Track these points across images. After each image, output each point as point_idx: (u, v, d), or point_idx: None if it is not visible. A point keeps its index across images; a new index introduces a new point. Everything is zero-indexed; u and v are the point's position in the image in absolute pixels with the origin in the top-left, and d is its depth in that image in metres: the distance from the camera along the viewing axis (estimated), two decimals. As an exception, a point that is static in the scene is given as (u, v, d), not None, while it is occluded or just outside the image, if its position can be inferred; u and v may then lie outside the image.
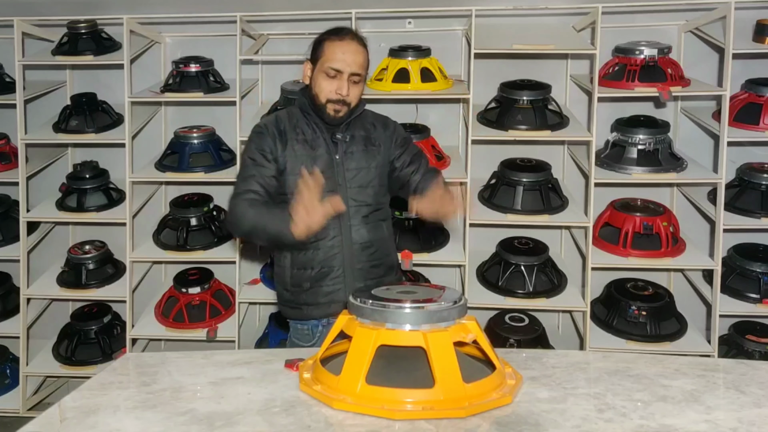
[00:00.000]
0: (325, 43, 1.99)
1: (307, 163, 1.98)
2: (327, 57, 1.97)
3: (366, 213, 2.05)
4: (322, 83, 1.97)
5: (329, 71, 1.96)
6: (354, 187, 2.03)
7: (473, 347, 1.60)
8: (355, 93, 2.00)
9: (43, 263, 3.40)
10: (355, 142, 2.06)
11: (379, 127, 2.12)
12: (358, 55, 1.98)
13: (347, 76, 1.96)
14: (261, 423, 1.37)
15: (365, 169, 2.05)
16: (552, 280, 3.01)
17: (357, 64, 1.97)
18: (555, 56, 3.21)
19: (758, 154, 3.18)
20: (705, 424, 1.36)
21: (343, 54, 1.95)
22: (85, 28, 3.14)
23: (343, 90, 1.96)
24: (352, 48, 1.97)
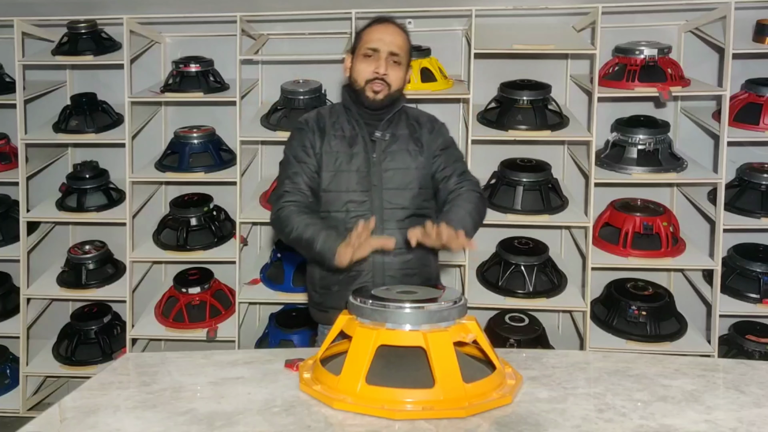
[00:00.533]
0: (364, 31, 1.95)
1: (344, 160, 1.93)
2: (364, 40, 1.92)
3: (402, 217, 1.93)
4: (360, 66, 1.92)
5: (366, 52, 1.91)
6: (390, 189, 1.93)
7: (473, 347, 1.60)
8: (395, 74, 1.92)
9: (43, 263, 3.40)
10: (397, 141, 1.96)
11: (425, 126, 2.02)
12: (397, 36, 1.92)
13: (385, 55, 1.89)
14: (261, 423, 1.37)
15: (404, 171, 1.95)
16: (552, 280, 3.01)
17: (395, 44, 1.91)
18: (555, 56, 3.21)
19: (758, 154, 3.18)
20: (705, 424, 1.36)
21: (380, 34, 1.91)
22: (85, 28, 3.14)
23: (381, 68, 1.89)
24: (390, 29, 1.92)
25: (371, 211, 1.91)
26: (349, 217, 1.91)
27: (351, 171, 1.92)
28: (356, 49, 1.95)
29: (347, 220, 1.91)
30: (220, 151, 3.19)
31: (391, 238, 1.75)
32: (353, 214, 1.91)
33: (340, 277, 1.92)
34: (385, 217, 1.92)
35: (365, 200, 1.92)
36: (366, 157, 1.94)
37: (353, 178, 1.92)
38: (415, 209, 1.96)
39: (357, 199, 1.92)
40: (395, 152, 1.95)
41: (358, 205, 1.92)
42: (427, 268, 2.01)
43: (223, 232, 3.22)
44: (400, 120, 2.00)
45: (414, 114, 2.05)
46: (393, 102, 1.95)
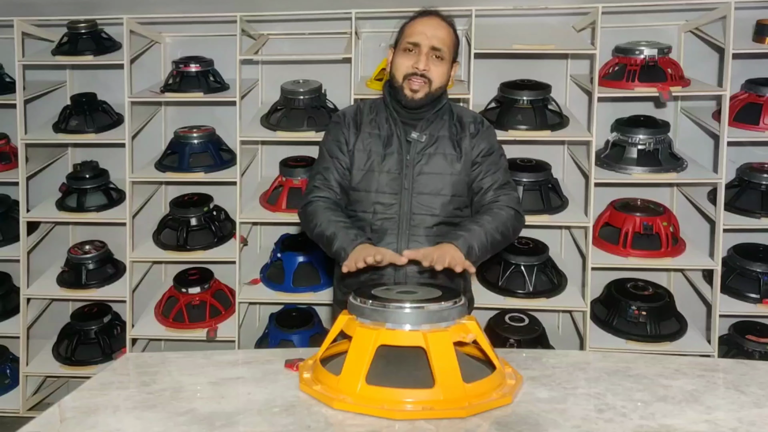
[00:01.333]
0: (407, 25, 1.87)
1: (376, 160, 1.85)
2: (406, 34, 1.84)
3: (431, 224, 1.85)
4: (400, 60, 1.83)
5: (407, 46, 1.82)
6: (421, 194, 1.84)
7: (473, 347, 1.60)
8: (438, 70, 1.81)
9: (43, 263, 3.40)
10: (435, 143, 1.86)
11: (468, 128, 1.90)
12: (440, 30, 1.82)
13: (426, 49, 1.79)
14: (261, 423, 1.37)
15: (438, 176, 1.85)
16: (552, 280, 3.01)
17: (437, 38, 1.81)
18: (555, 56, 3.21)
19: (758, 154, 3.18)
20: (705, 424, 1.36)
21: (422, 27, 1.82)
22: (85, 28, 3.14)
23: (421, 63, 1.79)
24: (432, 22, 1.83)
25: (398, 215, 1.85)
26: (376, 219, 1.85)
27: (382, 172, 1.85)
28: (398, 42, 1.87)
29: (374, 221, 1.86)
30: (220, 151, 3.19)
31: (402, 258, 1.66)
32: (380, 216, 1.85)
33: (362, 278, 1.84)
34: (413, 222, 1.85)
35: (394, 203, 1.85)
36: (399, 159, 1.85)
37: (384, 179, 1.85)
38: (446, 217, 1.87)
39: (385, 202, 1.85)
40: (431, 155, 1.86)
41: (386, 208, 1.86)
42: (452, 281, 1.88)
43: (223, 232, 3.22)
44: (442, 120, 1.90)
45: (459, 113, 1.94)
46: (433, 101, 1.86)
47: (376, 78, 3.02)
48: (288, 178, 3.08)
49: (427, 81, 1.81)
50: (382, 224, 1.86)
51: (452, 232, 1.78)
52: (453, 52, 1.86)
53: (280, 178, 3.12)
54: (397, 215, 1.85)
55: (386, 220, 1.85)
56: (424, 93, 1.82)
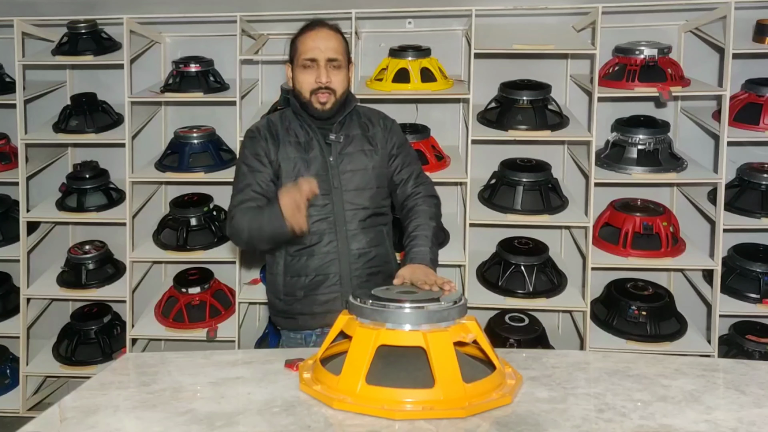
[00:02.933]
0: (298, 40, 1.95)
1: (301, 166, 1.93)
2: (300, 50, 1.92)
3: (363, 217, 1.97)
4: (302, 77, 1.92)
5: (305, 63, 1.90)
6: (350, 190, 1.95)
7: (473, 347, 1.60)
8: (338, 79, 1.92)
9: (43, 263, 3.40)
10: (351, 142, 1.98)
11: (377, 125, 2.04)
12: (330, 41, 1.92)
13: (324, 63, 1.89)
14: (261, 423, 1.37)
15: (362, 171, 1.97)
16: (552, 280, 3.01)
17: (330, 49, 1.90)
18: (555, 56, 3.21)
19: (758, 154, 3.18)
20: (705, 424, 1.36)
21: (314, 41, 1.90)
22: (85, 28, 3.14)
23: (323, 77, 1.89)
24: (322, 35, 1.92)
25: (333, 214, 1.93)
26: (312, 222, 1.91)
27: (310, 176, 1.87)
28: (294, 58, 1.95)
29: (310, 225, 1.89)
30: (220, 151, 3.18)
31: (313, 180, 1.71)
32: (315, 218, 1.92)
33: (306, 280, 1.94)
34: (347, 218, 1.94)
35: (327, 203, 1.93)
36: (323, 161, 1.94)
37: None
38: (375, 208, 1.99)
39: (318, 203, 1.91)
40: (351, 153, 1.97)
41: (320, 209, 1.93)
42: (389, 264, 2.03)
43: (223, 232, 3.21)
44: (352, 120, 2.01)
45: (365, 113, 2.06)
46: (342, 106, 1.96)
47: (376, 78, 3.02)
48: (288, 178, 3.08)
49: (332, 91, 1.91)
50: (319, 225, 1.93)
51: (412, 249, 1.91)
52: (347, 57, 1.96)
53: (280, 178, 3.12)
54: (332, 214, 1.94)
55: (322, 221, 1.93)
56: (332, 103, 1.92)
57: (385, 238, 2.03)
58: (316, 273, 1.94)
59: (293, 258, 1.95)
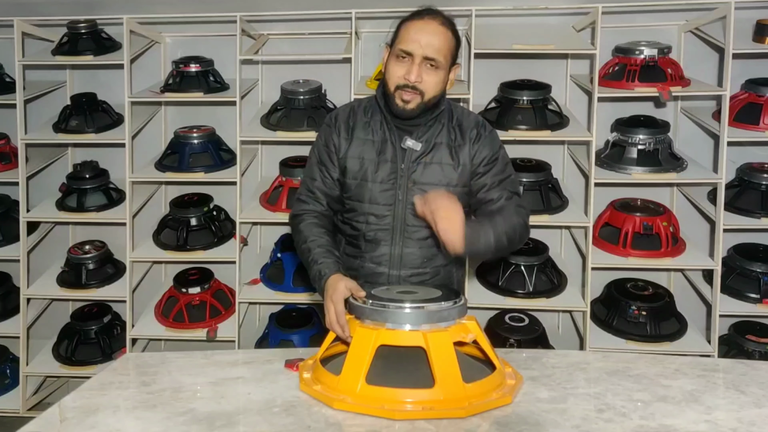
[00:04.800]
0: (403, 25, 1.74)
1: (369, 168, 1.76)
2: (400, 38, 1.72)
3: (425, 236, 1.78)
4: (392, 68, 1.72)
5: (400, 53, 1.70)
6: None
7: (473, 347, 1.60)
8: (431, 80, 1.70)
9: (43, 263, 3.40)
10: (431, 151, 1.76)
11: (468, 134, 1.80)
12: (436, 37, 1.69)
13: (419, 60, 1.68)
14: (261, 423, 1.37)
15: (433, 187, 1.73)
16: (552, 280, 3.01)
17: (432, 47, 1.68)
18: (555, 56, 3.21)
19: (758, 154, 3.18)
20: (705, 424, 1.36)
21: (416, 34, 1.69)
22: (85, 28, 3.14)
23: (412, 75, 1.67)
24: (429, 28, 1.70)
25: (392, 227, 1.79)
26: (369, 230, 1.80)
27: (375, 182, 1.77)
28: (393, 43, 1.75)
29: (367, 231, 1.80)
30: (220, 151, 3.19)
31: (360, 291, 1.58)
32: (374, 226, 1.80)
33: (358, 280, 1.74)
34: (406, 234, 1.79)
35: (387, 214, 1.78)
36: (393, 168, 1.76)
37: (377, 189, 1.77)
38: None
39: (379, 213, 1.79)
40: (427, 164, 1.77)
41: (380, 219, 1.79)
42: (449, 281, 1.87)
43: (223, 232, 3.22)
44: (440, 124, 1.80)
45: (459, 117, 1.83)
46: (427, 108, 1.75)
47: (376, 78, 3.02)
48: (288, 178, 3.08)
49: (419, 92, 1.71)
50: (376, 234, 1.81)
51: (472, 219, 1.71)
52: (452, 57, 1.75)
53: (280, 178, 3.12)
54: (391, 226, 1.79)
55: (380, 231, 1.80)
56: (416, 104, 1.71)
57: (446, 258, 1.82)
58: (365, 279, 1.81)
59: (348, 255, 1.85)
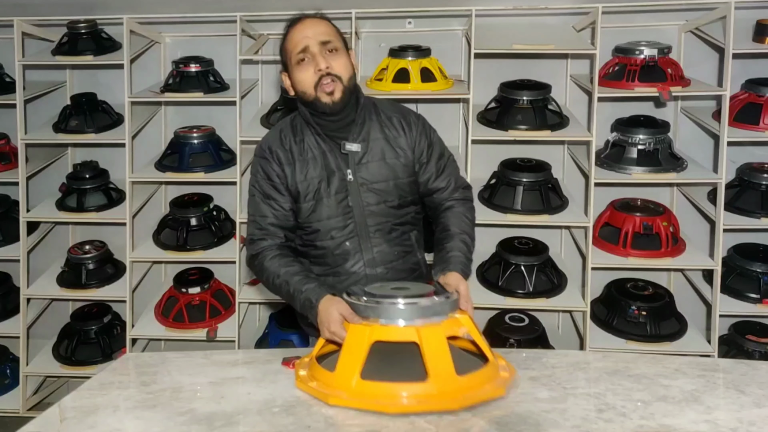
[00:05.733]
0: (285, 41, 1.77)
1: (320, 187, 1.76)
2: (291, 50, 1.73)
3: (389, 230, 1.81)
4: (300, 75, 1.71)
5: (298, 58, 1.70)
6: (373, 205, 1.77)
7: (467, 341, 1.60)
8: (339, 63, 1.70)
9: (43, 263, 3.40)
10: (370, 150, 1.77)
11: (398, 125, 1.81)
12: (318, 26, 1.72)
13: (318, 49, 1.69)
14: (261, 423, 1.37)
15: (383, 184, 1.77)
16: (552, 280, 3.01)
17: (320, 33, 1.71)
18: (555, 56, 3.21)
19: (758, 154, 3.18)
20: (705, 424, 1.36)
21: (301, 32, 1.72)
22: (85, 28, 3.14)
23: (321, 63, 1.68)
24: (306, 23, 1.73)
25: (356, 234, 1.79)
26: (335, 244, 1.80)
27: (330, 196, 1.76)
28: (287, 63, 1.76)
29: (333, 247, 1.80)
30: (220, 151, 3.19)
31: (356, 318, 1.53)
32: (338, 240, 1.79)
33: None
34: (371, 235, 1.79)
35: (349, 223, 1.79)
36: (342, 176, 1.76)
37: (332, 202, 1.77)
38: (402, 217, 1.83)
39: (339, 225, 1.78)
40: (370, 164, 1.77)
41: (341, 231, 1.79)
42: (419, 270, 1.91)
43: (223, 232, 3.22)
44: (371, 120, 1.80)
45: (384, 110, 1.84)
46: (351, 96, 1.74)
47: (376, 78, 3.02)
48: (288, 178, 3.08)
49: (336, 77, 1.70)
50: (342, 246, 1.80)
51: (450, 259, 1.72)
52: (343, 41, 1.76)
53: (280, 178, 3.12)
54: (354, 233, 1.79)
55: (345, 242, 1.80)
56: (340, 91, 1.70)
57: (414, 244, 1.87)
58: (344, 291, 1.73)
59: (319, 275, 1.81)
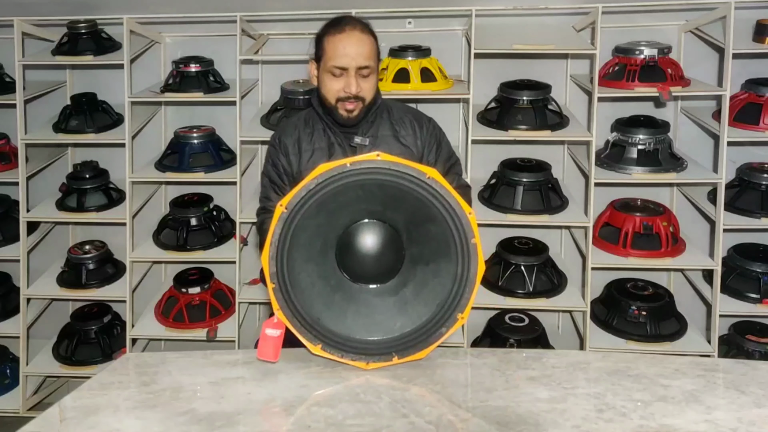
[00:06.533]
0: (325, 39, 1.81)
1: None
2: (329, 55, 1.79)
3: None
4: (329, 83, 1.80)
5: (333, 70, 1.78)
6: None
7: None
8: (368, 86, 1.80)
9: (43, 263, 3.40)
10: (379, 144, 1.83)
11: (409, 125, 1.90)
12: (363, 46, 1.78)
13: (354, 71, 1.77)
14: (261, 423, 1.37)
15: None
16: (552, 280, 3.01)
17: (362, 56, 1.77)
18: (555, 56, 3.21)
19: (758, 154, 3.18)
20: (705, 424, 1.36)
21: (345, 48, 1.76)
22: (85, 28, 3.14)
23: (352, 87, 1.77)
24: (353, 40, 1.77)
25: None
26: None
27: None
28: (320, 59, 1.82)
29: None
30: (220, 151, 3.19)
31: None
32: None
33: None
34: None
35: None
36: None
37: None
38: None
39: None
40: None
41: None
42: None
43: (223, 232, 3.22)
44: (382, 119, 1.89)
45: (398, 111, 1.93)
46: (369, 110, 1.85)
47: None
48: (288, 178, 3.08)
49: (361, 99, 1.80)
50: None
51: None
52: (378, 58, 1.83)
53: (280, 178, 3.12)
54: None
55: None
56: (359, 110, 1.81)
57: None
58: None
59: None
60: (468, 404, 1.43)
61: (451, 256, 1.55)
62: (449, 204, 1.53)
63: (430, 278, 1.58)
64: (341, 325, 1.56)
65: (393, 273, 1.61)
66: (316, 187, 1.53)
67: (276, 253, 1.54)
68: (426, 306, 1.57)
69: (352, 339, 1.56)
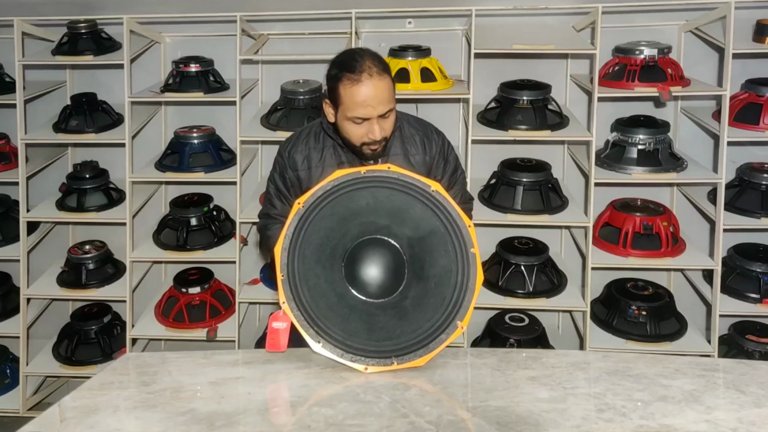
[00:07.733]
0: (341, 88, 1.72)
1: None
2: (347, 106, 1.72)
3: None
4: (350, 129, 1.77)
5: (353, 118, 1.73)
6: None
7: None
8: (389, 126, 1.78)
9: (43, 263, 3.40)
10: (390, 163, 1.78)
11: (419, 143, 1.90)
12: (383, 92, 1.71)
13: (376, 119, 1.73)
14: (261, 423, 1.37)
15: None
16: (552, 280, 3.01)
17: (384, 103, 1.72)
18: (555, 56, 3.21)
19: (758, 154, 3.18)
20: (705, 424, 1.36)
21: (365, 100, 1.70)
22: (85, 28, 3.14)
23: (376, 134, 1.74)
24: (371, 89, 1.69)
25: None
26: None
27: None
28: (338, 104, 1.75)
29: None
30: (220, 151, 3.19)
31: None
32: None
33: None
34: None
35: None
36: None
37: None
38: None
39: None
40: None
41: None
42: None
43: (223, 232, 3.22)
44: (393, 136, 1.87)
45: (409, 127, 1.92)
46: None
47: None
48: (288, 178, 3.08)
49: (384, 139, 1.79)
50: None
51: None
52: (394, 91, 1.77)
53: (280, 178, 3.12)
54: None
55: None
56: (382, 147, 1.82)
57: None
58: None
59: None
60: (468, 404, 1.43)
61: (452, 265, 1.61)
62: (451, 216, 1.63)
63: (431, 287, 1.62)
64: (343, 327, 1.58)
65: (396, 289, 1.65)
66: (332, 189, 1.62)
67: (289, 245, 1.61)
68: (426, 313, 1.60)
69: (352, 341, 1.57)
